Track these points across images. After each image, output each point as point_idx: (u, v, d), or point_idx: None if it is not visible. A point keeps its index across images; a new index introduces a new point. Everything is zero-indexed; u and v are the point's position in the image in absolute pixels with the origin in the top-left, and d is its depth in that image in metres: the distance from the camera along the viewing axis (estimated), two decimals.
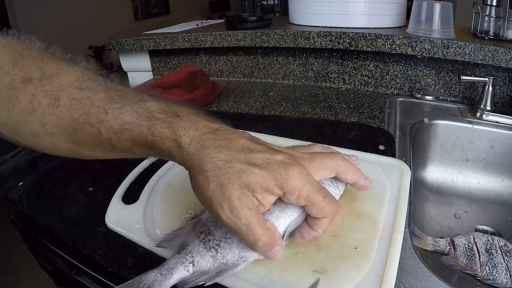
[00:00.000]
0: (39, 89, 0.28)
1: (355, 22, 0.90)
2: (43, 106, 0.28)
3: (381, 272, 0.32)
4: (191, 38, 1.01)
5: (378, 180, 0.45)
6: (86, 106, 0.28)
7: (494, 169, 0.70)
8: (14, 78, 0.28)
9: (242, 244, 0.31)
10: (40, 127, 0.28)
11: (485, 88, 0.69)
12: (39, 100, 0.28)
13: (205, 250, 0.32)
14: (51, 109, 0.28)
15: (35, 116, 0.28)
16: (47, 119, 0.28)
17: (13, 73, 0.28)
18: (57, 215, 0.46)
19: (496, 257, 0.49)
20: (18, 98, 0.28)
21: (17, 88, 0.28)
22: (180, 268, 0.31)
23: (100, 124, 0.28)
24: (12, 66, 0.28)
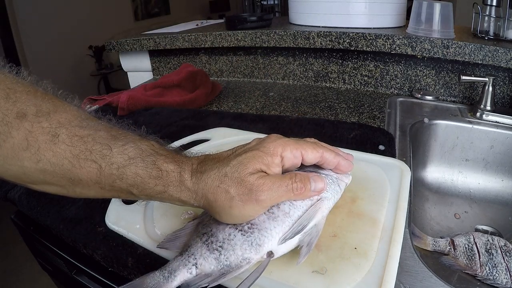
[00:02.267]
0: (36, 125, 0.27)
1: (355, 22, 0.90)
2: (39, 143, 0.27)
3: (381, 272, 0.32)
4: (191, 38, 1.01)
5: (378, 180, 0.45)
6: (88, 143, 0.28)
7: (494, 169, 0.70)
8: (6, 114, 0.27)
9: (245, 245, 0.31)
10: (33, 164, 0.28)
11: (485, 88, 0.69)
12: (36, 136, 0.27)
13: (208, 252, 0.31)
14: (49, 146, 0.28)
15: (29, 152, 0.27)
16: (42, 155, 0.28)
17: (5, 108, 0.27)
18: (57, 215, 0.46)
19: (496, 257, 0.49)
20: (11, 134, 0.27)
21: (11, 123, 0.27)
22: (183, 271, 0.31)
23: (102, 160, 0.28)
24: (3, 101, 0.27)
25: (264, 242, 0.32)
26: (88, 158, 0.28)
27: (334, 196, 0.37)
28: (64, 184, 0.29)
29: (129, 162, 0.29)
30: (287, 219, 0.33)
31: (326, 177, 0.37)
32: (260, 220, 0.33)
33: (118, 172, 0.29)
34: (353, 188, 0.43)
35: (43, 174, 0.28)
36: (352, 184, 0.41)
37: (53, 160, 0.28)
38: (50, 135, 0.28)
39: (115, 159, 0.29)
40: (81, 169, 0.28)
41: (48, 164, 0.28)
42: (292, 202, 0.34)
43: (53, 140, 0.28)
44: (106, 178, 0.29)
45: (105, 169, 0.29)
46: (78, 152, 0.28)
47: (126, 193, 0.30)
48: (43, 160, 0.28)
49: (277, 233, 0.32)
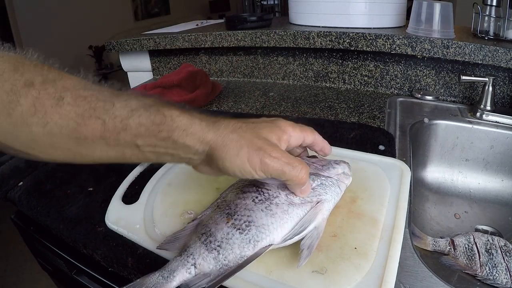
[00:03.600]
0: (42, 92, 0.29)
1: (355, 22, 0.90)
2: (46, 107, 0.29)
3: (381, 272, 0.32)
4: (191, 38, 1.01)
5: (378, 180, 0.45)
6: (92, 102, 0.30)
7: (494, 169, 0.70)
8: (15, 84, 0.28)
9: (243, 243, 0.31)
10: (41, 128, 0.29)
11: (485, 88, 0.69)
12: (42, 101, 0.29)
13: (207, 251, 0.31)
14: (54, 109, 0.29)
15: (37, 117, 0.29)
16: (49, 118, 0.29)
17: (14, 79, 0.28)
18: (57, 215, 0.46)
19: (496, 257, 0.49)
20: (19, 102, 0.28)
21: (19, 92, 0.28)
22: (182, 271, 0.31)
23: (106, 115, 0.29)
24: (12, 73, 0.29)
25: (261, 238, 0.32)
26: (92, 115, 0.29)
27: (334, 198, 0.37)
28: (70, 146, 0.30)
29: (132, 113, 0.30)
30: (285, 216, 0.33)
31: (326, 179, 0.38)
32: (258, 217, 0.33)
33: (121, 124, 0.30)
34: (353, 188, 0.43)
35: (50, 137, 0.29)
36: (352, 184, 0.41)
37: (59, 122, 0.29)
38: (56, 99, 0.29)
39: (118, 112, 0.30)
40: (85, 126, 0.29)
41: (55, 126, 0.29)
42: (292, 200, 0.34)
43: (58, 103, 0.29)
44: (110, 132, 0.30)
45: (109, 123, 0.29)
46: (82, 111, 0.29)
47: (131, 147, 0.31)
48: (50, 123, 0.29)
49: (274, 228, 0.32)
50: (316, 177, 0.38)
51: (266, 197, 0.35)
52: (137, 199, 0.45)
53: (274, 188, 0.36)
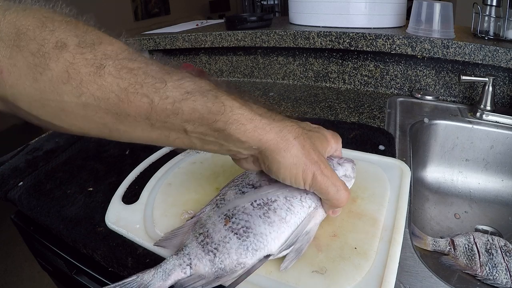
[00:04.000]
0: (78, 56, 0.25)
1: (355, 22, 0.90)
2: (82, 75, 0.25)
3: (381, 272, 0.32)
4: (191, 38, 1.01)
5: (378, 180, 0.45)
6: (139, 76, 0.26)
7: (494, 169, 0.70)
8: (42, 44, 0.24)
9: (241, 249, 0.31)
10: (74, 98, 0.25)
11: (485, 88, 0.69)
12: (78, 68, 0.25)
13: (203, 253, 0.31)
14: (93, 78, 0.25)
15: (70, 85, 0.25)
16: (85, 89, 0.25)
17: (41, 38, 0.24)
18: (57, 215, 0.46)
19: (496, 257, 0.49)
20: (48, 66, 0.24)
21: (48, 54, 0.24)
22: (178, 270, 0.31)
23: (155, 94, 0.26)
24: (39, 30, 0.24)
25: (259, 248, 0.31)
26: (138, 91, 0.26)
27: None
28: (107, 121, 0.27)
29: (186, 96, 0.26)
30: (283, 225, 0.33)
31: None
32: (256, 224, 0.32)
33: (173, 107, 0.26)
34: (353, 188, 0.43)
35: (85, 109, 0.26)
36: (352, 184, 0.41)
37: (98, 94, 0.25)
38: (95, 66, 0.25)
39: (170, 93, 0.26)
40: (129, 103, 0.26)
41: (92, 98, 0.25)
42: (289, 207, 0.34)
43: (98, 72, 0.25)
44: (158, 114, 0.26)
45: (158, 103, 0.26)
46: (127, 85, 0.26)
47: (178, 131, 0.28)
48: (85, 94, 0.25)
49: (272, 238, 0.32)
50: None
51: (264, 201, 0.34)
52: (137, 199, 0.45)
53: (273, 191, 0.35)
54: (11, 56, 0.24)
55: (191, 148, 0.31)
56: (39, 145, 0.66)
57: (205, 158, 0.54)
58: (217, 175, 0.49)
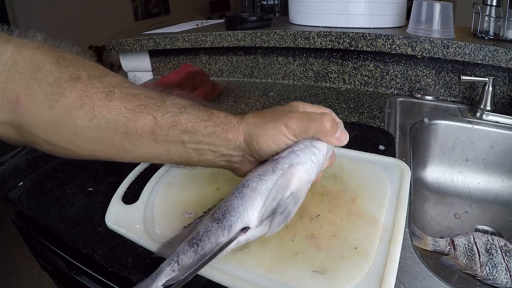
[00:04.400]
0: (90, 86, 0.29)
1: (355, 22, 0.90)
2: (94, 100, 0.29)
3: (381, 272, 0.32)
4: (191, 38, 1.01)
5: (378, 180, 0.45)
6: (142, 99, 0.31)
7: (494, 169, 0.70)
8: (59, 77, 0.28)
9: (219, 231, 0.31)
10: (86, 121, 0.29)
11: (485, 88, 0.69)
12: (90, 95, 0.29)
13: (189, 247, 0.32)
14: (103, 103, 0.29)
15: (83, 110, 0.29)
16: (97, 112, 0.29)
17: (57, 72, 0.28)
18: (57, 215, 0.46)
19: (496, 257, 0.49)
20: (64, 94, 0.28)
21: (63, 84, 0.28)
22: (167, 269, 0.31)
23: (158, 111, 0.31)
24: (54, 66, 0.28)
25: (233, 222, 0.31)
26: (143, 111, 0.30)
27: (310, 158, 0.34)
28: (115, 141, 0.31)
29: (182, 110, 0.32)
30: (253, 194, 0.32)
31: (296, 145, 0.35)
32: (231, 204, 0.32)
33: (172, 120, 0.31)
34: (353, 188, 0.43)
35: (96, 131, 0.29)
36: (352, 184, 0.41)
37: (108, 116, 0.29)
38: (105, 93, 0.29)
39: (170, 109, 0.31)
40: (136, 122, 0.30)
41: (103, 120, 0.29)
42: (261, 177, 0.33)
43: (108, 97, 0.29)
44: (160, 128, 0.31)
45: (160, 119, 0.31)
46: (133, 106, 0.30)
47: (177, 143, 0.32)
48: (97, 117, 0.29)
49: (244, 209, 0.31)
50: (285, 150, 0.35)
51: (241, 184, 0.34)
52: (137, 199, 0.45)
53: (248, 176, 0.35)
54: (28, 87, 0.28)
55: (188, 161, 0.35)
56: None
57: None
58: (217, 175, 0.49)
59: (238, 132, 0.34)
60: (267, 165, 0.34)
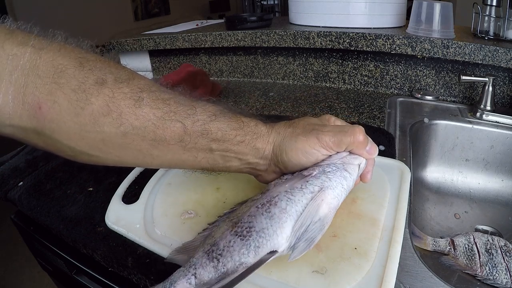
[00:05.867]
0: (117, 92, 0.27)
1: (355, 22, 0.90)
2: (122, 107, 0.27)
3: (381, 272, 0.32)
4: (191, 38, 1.01)
5: (378, 181, 0.45)
6: (171, 105, 0.29)
7: (494, 169, 0.70)
8: (83, 81, 0.27)
9: (243, 249, 0.30)
10: (114, 128, 0.28)
11: (485, 88, 0.69)
12: (117, 101, 0.27)
13: (208, 261, 0.30)
14: (132, 110, 0.28)
15: (111, 117, 0.27)
16: (125, 119, 0.28)
17: (81, 76, 0.27)
18: (57, 215, 0.46)
19: (496, 257, 0.49)
20: (89, 100, 0.27)
21: (88, 90, 0.27)
22: (183, 281, 0.30)
23: (187, 119, 0.30)
24: (78, 70, 0.27)
25: (262, 244, 0.30)
26: (172, 118, 0.29)
27: (341, 182, 0.34)
28: (142, 148, 0.30)
29: (213, 118, 0.31)
30: (283, 215, 0.31)
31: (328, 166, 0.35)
32: (258, 222, 0.31)
33: (201, 128, 0.30)
34: (353, 188, 0.43)
35: (123, 138, 0.28)
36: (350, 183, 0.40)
37: (136, 124, 0.28)
38: (133, 99, 0.28)
39: (200, 117, 0.30)
40: (165, 129, 0.29)
41: (130, 127, 0.28)
42: (290, 197, 0.32)
43: (136, 104, 0.28)
44: (189, 136, 0.30)
45: (190, 127, 0.30)
46: (162, 114, 0.29)
47: (205, 151, 0.32)
48: (125, 124, 0.28)
49: (274, 231, 0.30)
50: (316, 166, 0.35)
51: (267, 200, 0.32)
52: (137, 199, 0.45)
53: (275, 188, 0.34)
54: (50, 93, 0.26)
55: (214, 167, 0.34)
56: None
57: None
58: (217, 175, 0.48)
59: (267, 141, 0.34)
60: (295, 181, 0.33)
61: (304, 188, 0.33)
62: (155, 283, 0.33)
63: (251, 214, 0.32)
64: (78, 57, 0.27)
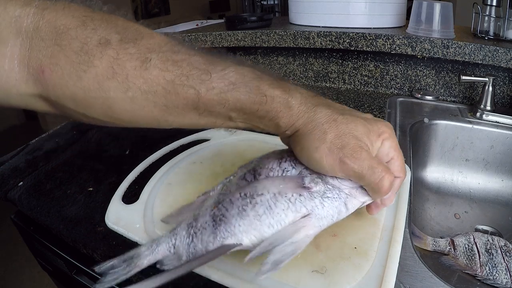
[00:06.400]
0: (122, 52, 0.25)
1: (355, 22, 0.90)
2: (128, 70, 0.25)
3: (381, 272, 0.32)
4: (191, 38, 1.01)
5: None
6: (184, 68, 0.26)
7: (494, 169, 0.70)
8: (85, 42, 0.24)
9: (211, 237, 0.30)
10: (120, 93, 0.25)
11: (485, 88, 0.69)
12: (122, 63, 0.25)
13: (186, 235, 0.31)
14: (139, 72, 0.25)
15: (116, 81, 0.25)
16: (132, 83, 0.25)
17: (83, 36, 0.25)
18: (57, 215, 0.46)
19: (496, 257, 0.49)
20: (93, 63, 0.25)
21: (91, 52, 0.25)
22: (165, 248, 0.31)
23: (201, 85, 0.26)
24: (80, 30, 0.25)
25: (227, 238, 0.30)
26: (184, 83, 0.26)
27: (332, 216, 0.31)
28: (155, 114, 0.27)
29: (231, 87, 0.27)
30: (255, 222, 0.29)
31: (333, 189, 0.31)
32: (230, 215, 0.30)
33: (218, 97, 0.27)
34: None
35: (132, 104, 0.26)
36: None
37: (144, 87, 0.26)
38: (140, 60, 0.25)
39: (216, 84, 0.27)
40: (177, 95, 0.26)
41: (139, 92, 0.26)
42: (271, 204, 0.30)
43: (143, 66, 0.25)
44: (204, 104, 0.27)
45: (204, 94, 0.27)
46: (173, 77, 0.26)
47: (224, 118, 0.29)
48: (132, 88, 0.25)
49: (240, 232, 0.29)
50: (322, 181, 0.31)
51: (250, 193, 0.31)
52: (137, 199, 0.45)
53: (266, 181, 0.31)
54: (52, 55, 0.24)
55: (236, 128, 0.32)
56: (39, 145, 0.66)
57: (205, 158, 0.54)
58: (217, 175, 0.49)
59: (291, 124, 0.29)
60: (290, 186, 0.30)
61: (292, 202, 0.30)
62: None
63: (232, 201, 0.31)
64: (82, 16, 0.25)
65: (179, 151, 0.56)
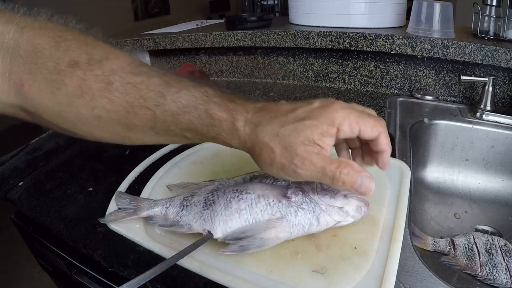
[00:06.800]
0: (89, 73, 0.28)
1: (355, 22, 0.90)
2: (94, 90, 0.28)
3: (381, 272, 0.32)
4: (191, 38, 1.01)
5: (378, 181, 0.45)
6: (142, 90, 0.29)
7: (494, 169, 0.70)
8: (58, 62, 0.27)
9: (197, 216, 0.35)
10: (88, 111, 0.28)
11: (485, 88, 0.69)
12: (89, 84, 0.28)
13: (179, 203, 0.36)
14: (103, 93, 0.28)
15: (84, 99, 0.28)
16: (97, 103, 0.28)
17: (56, 57, 0.27)
18: (57, 215, 0.46)
19: (496, 257, 0.49)
20: (64, 82, 0.27)
21: (63, 72, 0.27)
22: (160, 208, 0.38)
23: (157, 108, 0.29)
24: (54, 50, 0.27)
25: (206, 222, 0.34)
26: (142, 105, 0.29)
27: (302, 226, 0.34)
28: (119, 131, 0.30)
29: (182, 110, 0.29)
30: (235, 215, 0.34)
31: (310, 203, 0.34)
32: (217, 203, 0.35)
33: (172, 119, 0.29)
34: None
35: (98, 120, 0.29)
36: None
37: (108, 107, 0.28)
38: (104, 82, 0.28)
39: (169, 107, 0.29)
40: (135, 115, 0.29)
41: (103, 110, 0.28)
42: (253, 204, 0.34)
43: (107, 88, 0.28)
44: (160, 124, 0.30)
45: (159, 116, 0.29)
46: (133, 99, 0.28)
47: (181, 137, 0.31)
48: (98, 107, 0.28)
49: (219, 220, 0.34)
50: (302, 194, 0.35)
51: (240, 190, 0.36)
52: None
53: (255, 185, 0.36)
54: (30, 72, 0.27)
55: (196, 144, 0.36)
56: (39, 145, 0.66)
57: (205, 158, 0.54)
58: (217, 175, 0.48)
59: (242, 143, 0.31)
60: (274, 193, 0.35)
61: (270, 206, 0.34)
62: (155, 283, 0.34)
63: (224, 192, 0.36)
64: (57, 36, 0.28)
65: (179, 151, 0.56)
